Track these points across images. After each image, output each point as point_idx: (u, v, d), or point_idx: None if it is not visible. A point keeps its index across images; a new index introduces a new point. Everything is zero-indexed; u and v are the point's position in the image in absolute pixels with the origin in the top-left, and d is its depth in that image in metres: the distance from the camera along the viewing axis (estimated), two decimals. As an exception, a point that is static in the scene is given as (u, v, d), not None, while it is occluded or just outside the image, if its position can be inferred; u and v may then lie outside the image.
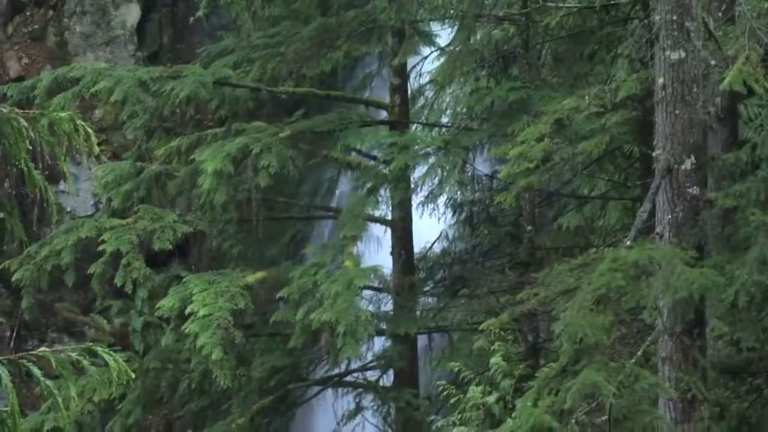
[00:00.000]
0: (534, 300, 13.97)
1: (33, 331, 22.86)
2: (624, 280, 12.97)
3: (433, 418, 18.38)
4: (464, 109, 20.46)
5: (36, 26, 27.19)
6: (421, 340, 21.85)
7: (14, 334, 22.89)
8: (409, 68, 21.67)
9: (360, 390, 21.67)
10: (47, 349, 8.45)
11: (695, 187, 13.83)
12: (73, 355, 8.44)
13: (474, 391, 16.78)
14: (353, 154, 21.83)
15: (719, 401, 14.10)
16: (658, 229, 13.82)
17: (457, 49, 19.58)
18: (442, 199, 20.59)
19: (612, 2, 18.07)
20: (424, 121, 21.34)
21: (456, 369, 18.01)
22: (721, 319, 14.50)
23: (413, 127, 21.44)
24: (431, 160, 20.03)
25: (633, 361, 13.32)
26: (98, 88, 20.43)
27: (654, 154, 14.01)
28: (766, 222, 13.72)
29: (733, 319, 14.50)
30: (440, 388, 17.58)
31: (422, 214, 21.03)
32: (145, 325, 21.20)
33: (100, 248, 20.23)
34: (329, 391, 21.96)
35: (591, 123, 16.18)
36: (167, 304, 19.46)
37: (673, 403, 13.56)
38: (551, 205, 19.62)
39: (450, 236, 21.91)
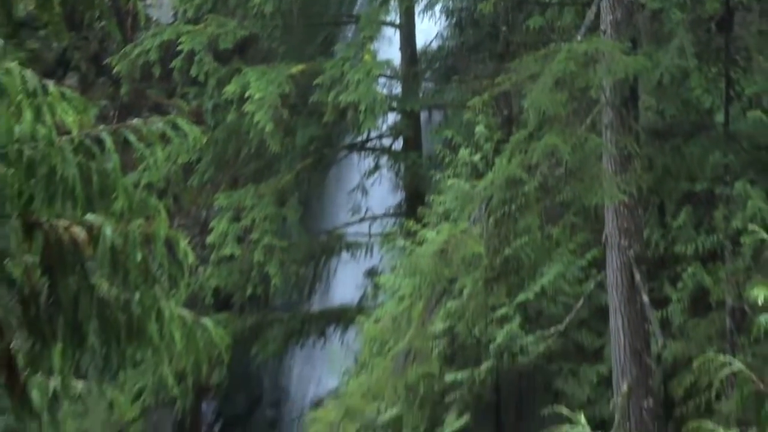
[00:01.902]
0: (508, 83, 13.87)
1: (130, 112, 22.81)
2: (576, 66, 12.88)
3: (433, 173, 18.46)
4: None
5: None
6: (423, 115, 21.84)
7: (116, 114, 22.88)
8: None
9: (377, 153, 21.72)
10: (140, 120, 8.41)
11: (630, -6, 13.64)
12: (161, 125, 8.39)
13: (463, 153, 16.80)
14: (370, -26, 21.55)
15: (648, 156, 14.10)
16: (602, 27, 13.66)
17: None
18: (438, 7, 20.35)
19: None
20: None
21: (450, 136, 18.02)
22: (650, 94, 14.43)
23: (416, -48, 21.13)
24: (430, -23, 19.84)
25: (583, 127, 13.30)
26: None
27: (600, -31, 13.79)
28: (684, 19, 13.57)
29: (659, 94, 14.43)
30: (438, 151, 17.59)
31: (423, 19, 20.86)
32: (214, 106, 21.14)
33: (179, 48, 20.19)
34: (354, 154, 22.02)
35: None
36: (231, 89, 19.47)
37: (613, 159, 13.55)
38: (521, 10, 19.34)
39: (444, 36, 21.71)
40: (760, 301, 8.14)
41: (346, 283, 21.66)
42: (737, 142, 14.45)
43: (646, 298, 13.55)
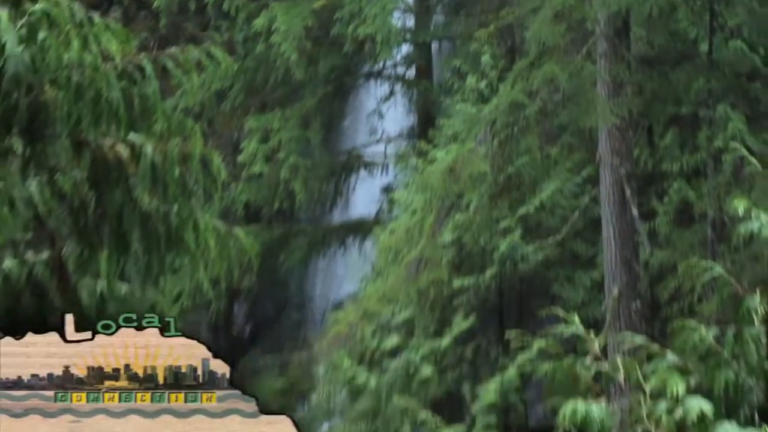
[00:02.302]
0: (511, 16, 13.79)
1: (169, 43, 22.69)
2: (574, 0, 12.77)
3: (442, 98, 18.40)
4: None
5: None
6: (434, 46, 21.69)
7: (155, 45, 22.76)
8: None
9: (392, 80, 21.61)
10: (178, 49, 8.40)
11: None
12: (196, 54, 8.38)
13: (470, 80, 16.72)
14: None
15: (639, 83, 14.01)
16: (598, -34, 13.50)
17: None
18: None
19: None
20: None
21: (458, 65, 17.92)
22: (641, 25, 14.31)
23: None
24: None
25: (579, 56, 13.22)
26: None
27: None
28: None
29: (649, 25, 14.31)
30: (447, 78, 17.52)
31: (434, -44, 20.72)
32: (245, 38, 21.02)
33: (212, -12, 20.20)
34: (371, 82, 21.91)
35: None
36: (259, 21, 19.41)
37: (606, 85, 13.48)
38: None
39: (454, -28, 21.54)
40: (740, 213, 8.13)
41: (363, 199, 21.70)
42: (720, 69, 14.36)
43: (635, 211, 13.56)
